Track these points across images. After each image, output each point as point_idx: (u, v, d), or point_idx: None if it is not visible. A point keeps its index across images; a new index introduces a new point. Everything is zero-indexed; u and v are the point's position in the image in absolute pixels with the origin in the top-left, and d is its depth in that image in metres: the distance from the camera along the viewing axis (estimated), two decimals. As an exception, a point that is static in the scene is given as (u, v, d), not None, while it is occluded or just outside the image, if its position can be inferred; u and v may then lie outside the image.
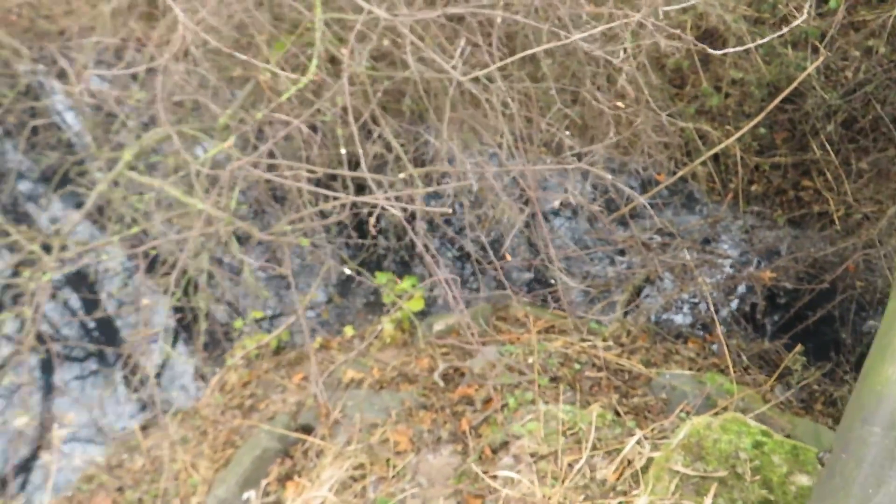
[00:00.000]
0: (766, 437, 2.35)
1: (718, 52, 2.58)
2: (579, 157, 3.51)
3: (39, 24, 5.45)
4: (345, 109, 2.49)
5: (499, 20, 3.10)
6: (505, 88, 2.80)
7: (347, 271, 3.12)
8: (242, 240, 3.80)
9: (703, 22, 4.90)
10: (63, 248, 3.05)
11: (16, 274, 4.14)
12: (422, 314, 4.14)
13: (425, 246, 2.47)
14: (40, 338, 4.06)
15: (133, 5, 3.70)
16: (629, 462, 2.64)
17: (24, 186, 5.59)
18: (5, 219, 4.35)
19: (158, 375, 4.28)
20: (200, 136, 3.19)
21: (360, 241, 4.63)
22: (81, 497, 3.35)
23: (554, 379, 3.37)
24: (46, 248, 3.44)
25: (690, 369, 3.67)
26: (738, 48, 2.66)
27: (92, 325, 4.68)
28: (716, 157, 5.07)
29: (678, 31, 2.51)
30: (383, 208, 2.49)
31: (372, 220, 2.01)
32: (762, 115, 4.55)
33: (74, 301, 4.89)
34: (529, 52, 2.40)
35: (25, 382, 3.45)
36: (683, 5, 2.66)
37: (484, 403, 3.30)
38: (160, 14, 3.53)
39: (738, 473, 2.22)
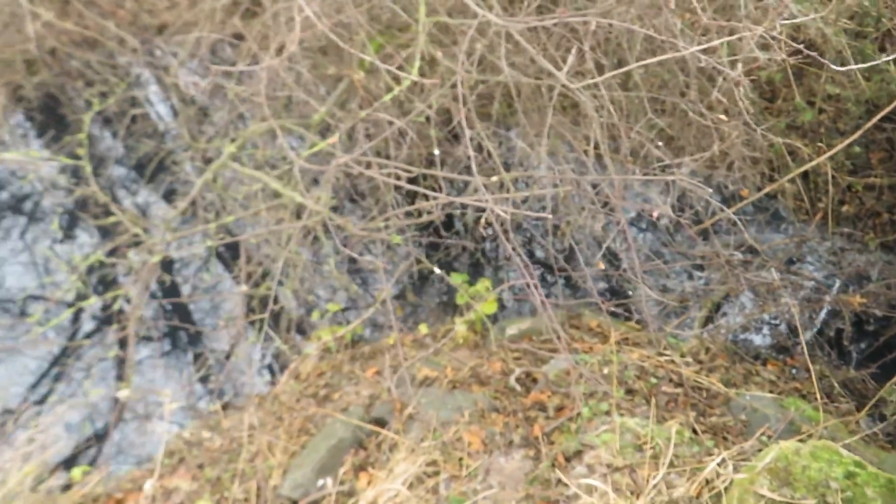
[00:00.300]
0: (860, 468, 2.26)
1: (842, 69, 2.48)
2: (666, 168, 3.45)
3: (142, 17, 5.72)
4: (441, 112, 2.53)
5: (593, 26, 3.09)
6: (605, 94, 2.79)
7: (437, 271, 3.15)
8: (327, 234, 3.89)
9: (799, 34, 4.75)
10: (167, 232, 3.19)
11: (111, 254, 4.37)
12: (492, 318, 4.16)
13: (515, 250, 2.49)
14: (122, 315, 4.27)
15: (237, 3, 3.84)
16: (707, 482, 2.59)
17: (117, 172, 5.86)
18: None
19: (228, 358, 4.43)
20: (300, 131, 3.29)
21: (436, 241, 4.68)
22: (163, 470, 3.50)
23: (630, 391, 3.33)
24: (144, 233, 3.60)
25: (771, 392, 3.56)
26: (856, 66, 2.55)
27: (168, 307, 4.87)
28: (805, 175, 4.91)
29: (800, 46, 2.44)
30: (467, 210, 2.51)
31: (482, 221, 2.03)
32: (858, 133, 4.38)
33: (152, 283, 5.09)
34: (645, 62, 2.38)
35: (128, 357, 3.62)
36: (798, 20, 2.59)
37: (557, 410, 3.29)
38: (261, 11, 3.66)
39: (828, 503, 2.15)
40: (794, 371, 4.15)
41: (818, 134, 5.02)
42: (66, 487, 3.61)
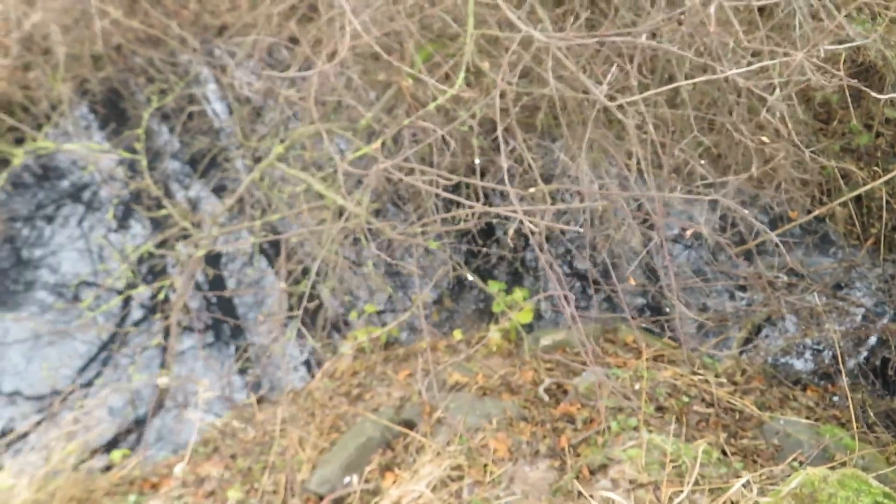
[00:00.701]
0: (889, 499, 2.21)
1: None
2: (711, 186, 3.42)
3: (204, 18, 5.91)
4: (486, 122, 2.56)
5: (641, 42, 3.09)
6: (645, 112, 2.79)
7: (470, 277, 3.19)
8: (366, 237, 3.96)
9: (859, 56, 4.64)
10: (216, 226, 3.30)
11: (161, 246, 4.52)
12: (528, 327, 4.17)
13: (549, 262, 2.51)
14: (167, 305, 4.40)
15: (294, 8, 3.95)
16: (732, 503, 2.56)
17: (171, 166, 6.04)
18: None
19: (266, 352, 4.53)
20: (346, 135, 3.37)
21: (475, 248, 4.71)
22: (197, 458, 3.61)
23: (660, 408, 3.31)
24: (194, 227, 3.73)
25: (808, 418, 3.48)
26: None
27: (213, 300, 5.00)
28: (858, 199, 4.79)
29: (840, 73, 2.41)
30: (509, 219, 2.54)
31: (511, 232, 2.05)
32: (916, 158, 4.26)
33: (199, 276, 5.24)
34: (693, 80, 2.38)
35: (169, 346, 3.75)
36: (847, 46, 2.55)
37: (585, 423, 3.29)
38: (318, 17, 3.76)
39: (855, 534, 2.10)
40: (834, 398, 4.05)
41: (874, 158, 4.90)
42: (106, 469, 3.75)
